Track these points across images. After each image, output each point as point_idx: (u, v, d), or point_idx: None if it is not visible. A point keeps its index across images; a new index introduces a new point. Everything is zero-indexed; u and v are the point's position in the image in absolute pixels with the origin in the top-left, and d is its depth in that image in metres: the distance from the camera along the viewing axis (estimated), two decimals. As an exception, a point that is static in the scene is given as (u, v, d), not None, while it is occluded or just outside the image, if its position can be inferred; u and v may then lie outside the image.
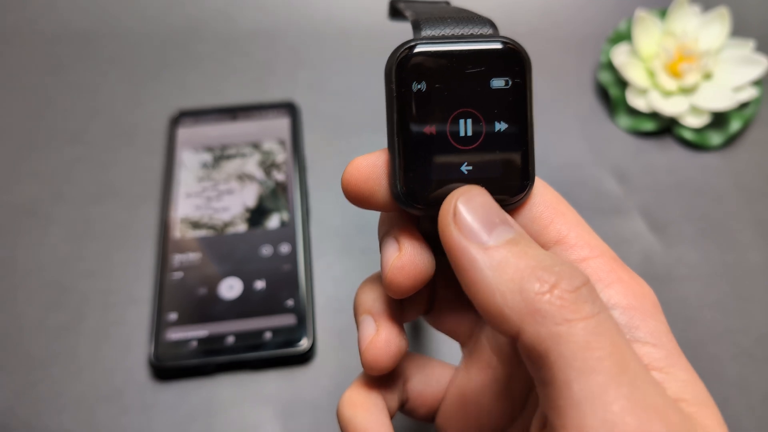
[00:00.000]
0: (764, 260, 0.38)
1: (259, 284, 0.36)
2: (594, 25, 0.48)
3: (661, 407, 0.15)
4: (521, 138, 0.19)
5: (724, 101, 0.41)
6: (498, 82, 0.19)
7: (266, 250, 0.37)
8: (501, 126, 0.19)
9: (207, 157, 0.41)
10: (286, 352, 0.34)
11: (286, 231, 0.38)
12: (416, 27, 0.19)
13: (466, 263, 0.17)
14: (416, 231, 0.20)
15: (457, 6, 0.22)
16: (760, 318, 0.36)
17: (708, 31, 0.43)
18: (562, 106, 0.45)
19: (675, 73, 0.42)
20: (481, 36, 0.19)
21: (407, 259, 0.19)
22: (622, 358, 0.15)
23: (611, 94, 0.44)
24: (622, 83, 0.44)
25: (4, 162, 0.42)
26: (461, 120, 0.18)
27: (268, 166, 0.40)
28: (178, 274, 0.36)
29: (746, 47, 0.42)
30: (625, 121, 0.43)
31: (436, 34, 0.19)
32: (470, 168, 0.19)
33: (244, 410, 0.33)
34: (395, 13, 0.25)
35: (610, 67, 0.45)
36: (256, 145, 0.41)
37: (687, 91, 0.42)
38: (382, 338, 0.20)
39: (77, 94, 0.46)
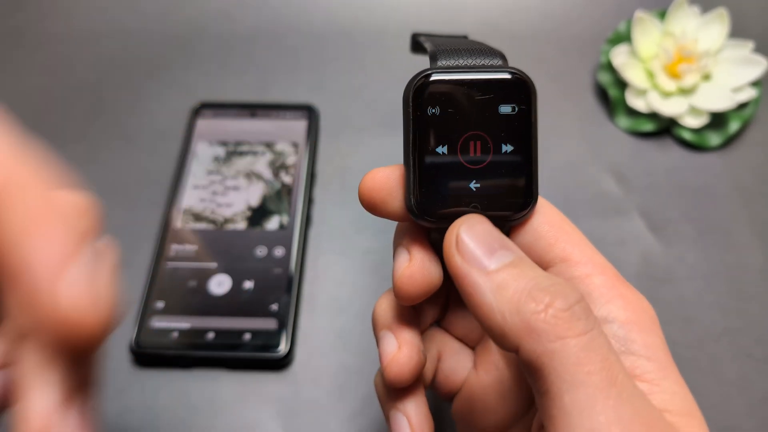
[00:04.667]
0: (763, 260, 0.38)
1: (248, 284, 0.36)
2: (593, 26, 0.48)
3: (645, 417, 0.16)
4: (526, 159, 0.20)
5: (723, 102, 0.41)
6: (505, 108, 0.20)
7: (260, 251, 0.37)
8: (507, 148, 0.20)
9: (220, 151, 0.41)
10: (262, 356, 0.34)
11: (284, 234, 0.38)
12: (433, 58, 0.21)
13: (470, 287, 0.18)
14: (427, 242, 0.21)
15: (475, 40, 0.24)
16: (759, 318, 0.36)
17: (707, 32, 0.43)
18: (561, 106, 0.45)
19: (674, 74, 0.42)
20: (492, 66, 0.20)
21: (416, 269, 0.21)
22: (610, 372, 0.16)
23: (610, 95, 0.44)
24: (622, 84, 0.44)
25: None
26: (471, 142, 0.20)
27: (278, 167, 0.40)
28: (172, 264, 0.37)
29: (745, 48, 0.42)
30: (624, 121, 0.44)
31: (451, 64, 0.20)
32: (478, 185, 0.20)
33: (215, 408, 0.33)
34: (417, 46, 0.27)
35: (609, 67, 0.45)
36: (269, 145, 0.42)
37: (686, 91, 0.42)
38: (404, 354, 0.22)
39: (80, 94, 0.46)
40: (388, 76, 0.46)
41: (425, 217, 0.20)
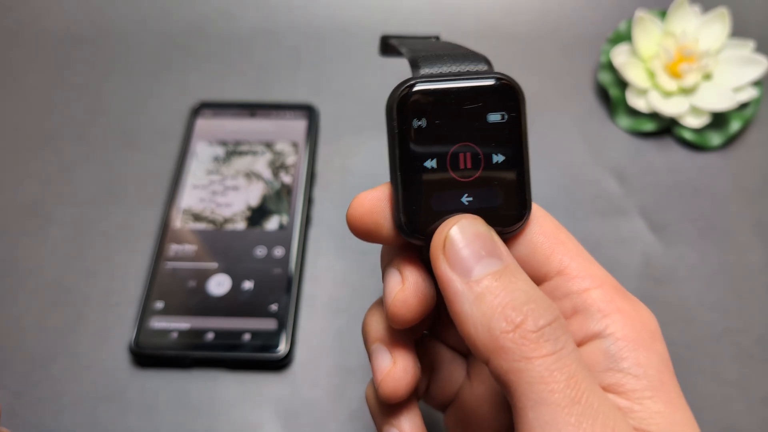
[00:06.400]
0: (764, 260, 0.38)
1: (248, 284, 0.36)
2: (594, 25, 0.48)
3: None
4: (518, 169, 0.20)
5: (724, 102, 0.41)
6: (494, 117, 0.19)
7: (260, 252, 0.37)
8: (498, 158, 0.19)
9: (219, 151, 0.41)
10: (262, 357, 0.34)
11: (283, 234, 0.38)
12: (414, 65, 0.20)
13: (450, 294, 0.18)
14: (418, 261, 0.21)
15: (450, 42, 0.23)
16: (759, 318, 0.36)
17: (708, 32, 0.43)
18: (562, 106, 0.45)
19: (675, 74, 0.42)
20: (477, 73, 0.20)
21: (410, 292, 0.20)
22: (575, 391, 0.16)
23: (611, 95, 0.44)
24: (622, 83, 0.44)
25: (12, 161, 0.42)
26: (460, 154, 0.19)
27: (277, 167, 0.40)
28: (171, 264, 0.37)
29: (746, 48, 0.42)
30: (625, 121, 0.43)
31: (434, 72, 0.19)
32: (470, 199, 0.19)
33: (215, 408, 0.33)
34: (387, 49, 0.26)
35: (610, 67, 0.45)
36: (269, 145, 0.42)
37: (687, 91, 0.42)
38: (400, 368, 0.21)
39: (80, 94, 0.46)
40: (388, 76, 0.46)
41: (416, 235, 0.19)
